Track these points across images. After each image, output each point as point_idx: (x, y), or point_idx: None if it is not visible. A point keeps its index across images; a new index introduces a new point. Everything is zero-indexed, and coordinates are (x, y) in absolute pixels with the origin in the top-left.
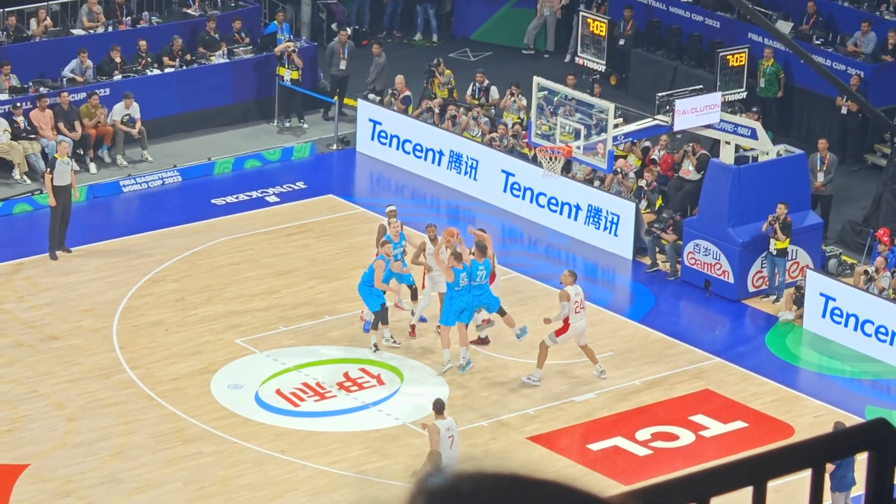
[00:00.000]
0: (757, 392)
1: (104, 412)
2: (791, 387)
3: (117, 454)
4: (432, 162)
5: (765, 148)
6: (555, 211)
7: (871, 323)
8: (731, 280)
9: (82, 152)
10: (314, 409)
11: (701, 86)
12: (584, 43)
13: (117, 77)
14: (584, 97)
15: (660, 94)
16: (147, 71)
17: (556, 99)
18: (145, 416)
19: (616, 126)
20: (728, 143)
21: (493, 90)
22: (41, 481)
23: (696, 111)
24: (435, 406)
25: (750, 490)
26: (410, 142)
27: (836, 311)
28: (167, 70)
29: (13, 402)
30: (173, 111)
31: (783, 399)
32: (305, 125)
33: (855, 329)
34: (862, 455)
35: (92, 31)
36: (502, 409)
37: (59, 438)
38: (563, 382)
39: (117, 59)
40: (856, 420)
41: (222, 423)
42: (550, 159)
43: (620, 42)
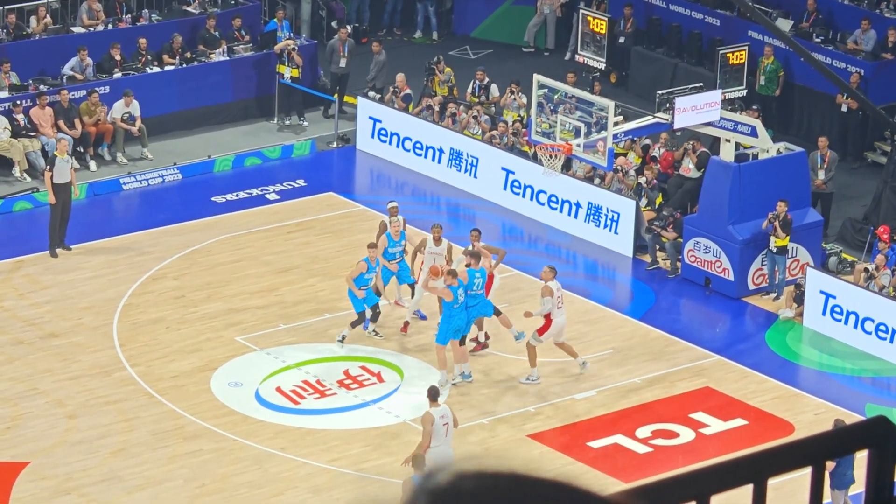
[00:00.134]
0: (757, 390)
1: (104, 410)
2: (791, 384)
3: (118, 452)
4: (432, 160)
5: (765, 146)
6: (555, 209)
7: (872, 320)
8: (731, 278)
9: (82, 150)
10: (314, 407)
11: (701, 83)
12: (584, 41)
13: (117, 75)
14: (585, 95)
15: (660, 92)
16: (147, 69)
17: (556, 97)
18: (145, 413)
19: (616, 124)
20: (728, 140)
21: (494, 88)
22: (41, 479)
23: (697, 109)
24: (429, 393)
25: (750, 488)
26: (411, 139)
27: (837, 309)
28: (167, 68)
29: (13, 399)
30: (173, 109)
31: (783, 397)
32: (305, 123)
33: (855, 327)
34: (862, 453)
35: (92, 29)
36: (502, 406)
37: (59, 436)
38: (563, 380)
39: (117, 57)
40: (856, 418)
41: (222, 421)
42: (551, 157)
43: (620, 40)
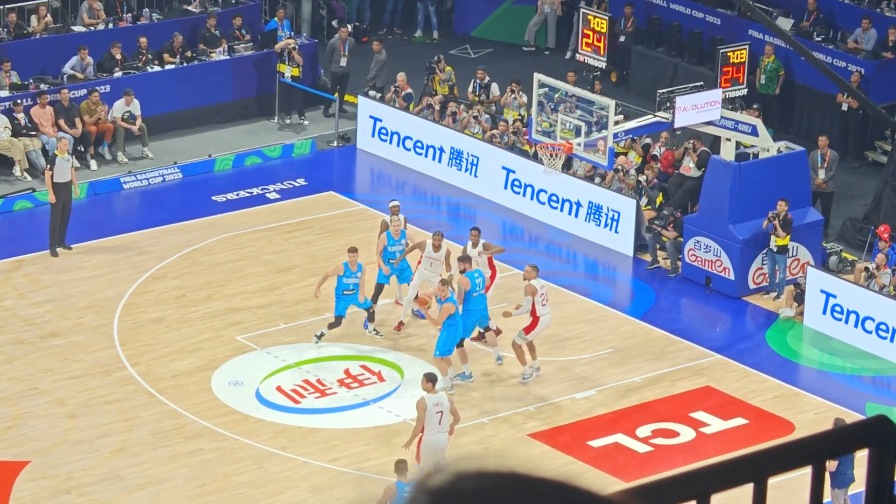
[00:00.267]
0: (757, 389)
1: (105, 409)
2: (792, 383)
3: (118, 451)
4: (433, 159)
5: (765, 145)
6: (555, 208)
7: (872, 320)
8: (731, 277)
9: (83, 149)
10: (315, 406)
11: (701, 82)
12: (584, 39)
13: (118, 74)
14: (585, 94)
15: (660, 91)
16: (147, 68)
17: (556, 96)
18: (146, 412)
19: (617, 123)
20: (729, 139)
21: (494, 87)
22: (42, 478)
23: (697, 108)
24: (427, 377)
25: (751, 487)
26: (411, 138)
27: (837, 308)
28: (168, 67)
29: (14, 399)
30: (174, 108)
31: (784, 396)
32: (306, 122)
33: (855, 326)
34: (862, 452)
35: (92, 28)
36: (503, 405)
37: (59, 435)
38: (564, 379)
39: (118, 56)
40: (856, 417)
41: (223, 420)
42: (551, 156)
43: (621, 39)
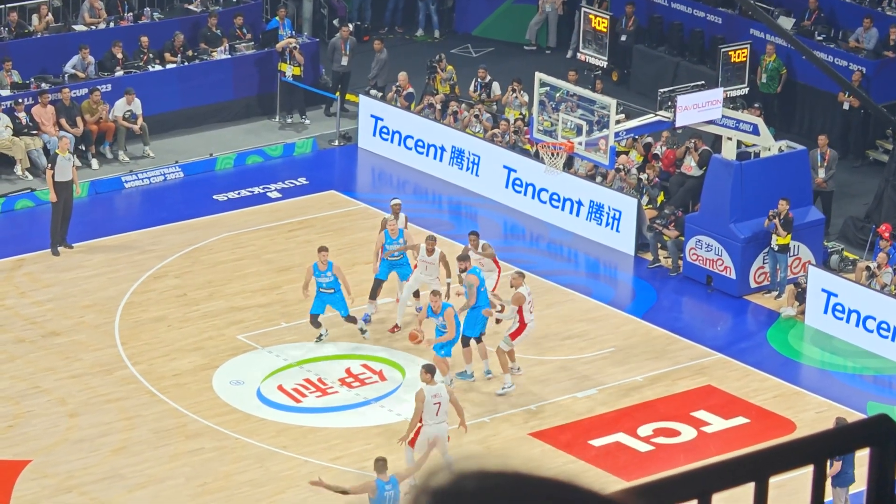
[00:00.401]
0: (759, 388)
1: (106, 408)
2: (793, 383)
3: (119, 450)
4: (434, 158)
5: (767, 144)
6: (557, 207)
7: (873, 319)
8: (732, 276)
9: (84, 148)
10: (316, 405)
11: (703, 82)
12: (585, 39)
13: (119, 73)
14: (586, 93)
15: (662, 90)
16: (149, 67)
17: (557, 95)
18: (147, 411)
19: (618, 122)
20: (730, 138)
21: (495, 86)
22: (43, 477)
23: (698, 107)
24: (426, 369)
25: (752, 486)
26: (412, 138)
27: (838, 307)
28: (169, 66)
29: (15, 398)
30: (175, 107)
31: (785, 395)
32: (307, 121)
33: (857, 325)
34: (863, 451)
35: (93, 27)
36: (504, 404)
37: (60, 434)
38: (565, 378)
39: (119, 55)
40: (857, 416)
41: (224, 419)
42: (552, 155)
43: (622, 38)
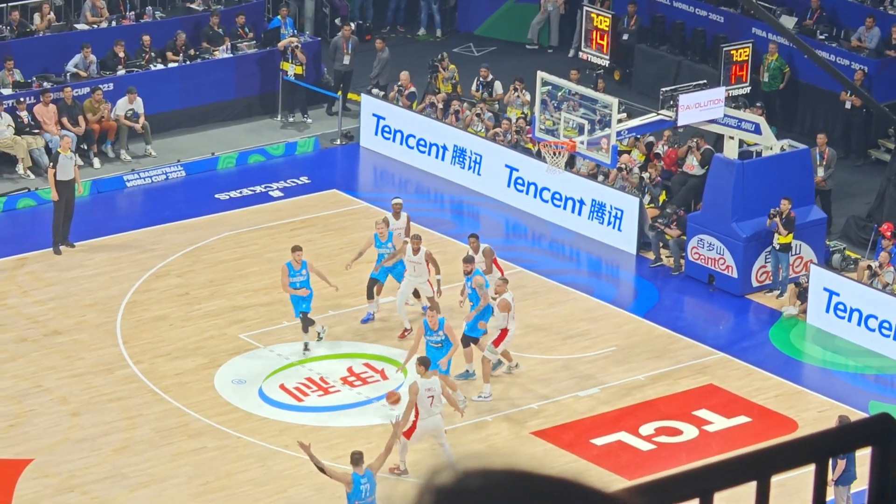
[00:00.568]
0: (760, 387)
1: (108, 407)
2: (795, 382)
3: (121, 449)
4: (436, 157)
5: (768, 143)
6: (559, 206)
7: (875, 318)
8: (734, 275)
9: (86, 147)
10: (318, 404)
11: (705, 81)
12: (587, 38)
13: (121, 72)
14: (588, 92)
15: (664, 89)
16: (150, 66)
17: (559, 94)
18: (149, 410)
19: (620, 121)
20: (732, 137)
21: (497, 85)
22: (45, 476)
23: (700, 106)
24: (421, 361)
25: (754, 485)
26: (414, 137)
27: (840, 306)
28: (171, 65)
29: (17, 397)
30: (177, 106)
31: (787, 394)
32: (309, 120)
33: (858, 324)
34: (864, 450)
35: (95, 26)
36: (505, 403)
37: (62, 433)
38: (567, 377)
39: (121, 54)
40: (859, 415)
41: (226, 418)
42: (554, 154)
43: (624, 37)
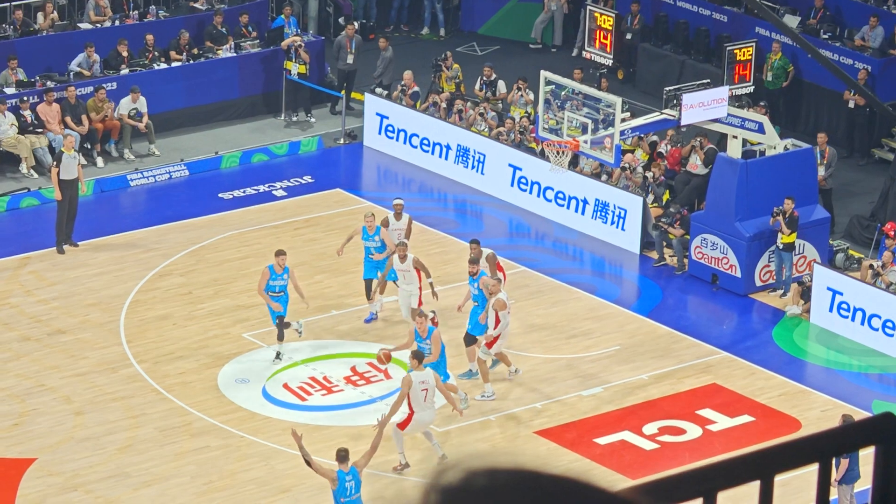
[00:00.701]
0: (764, 386)
1: (111, 406)
2: (798, 381)
3: (125, 448)
4: (439, 156)
5: (772, 142)
6: (562, 205)
7: (879, 317)
8: (738, 274)
9: (89, 146)
10: (321, 404)
11: (708, 80)
12: (591, 37)
13: (124, 71)
14: (592, 91)
15: (667, 89)
16: (154, 65)
17: (563, 93)
18: (152, 410)
19: (623, 120)
20: (735, 137)
21: (501, 84)
22: (48, 475)
23: (704, 105)
24: (414, 354)
25: (757, 484)
26: (417, 136)
27: (844, 306)
28: (174, 64)
29: (20, 396)
30: (180, 105)
31: (790, 393)
32: (312, 119)
33: (862, 323)
34: (867, 449)
35: (99, 25)
36: (509, 403)
37: (66, 432)
38: (570, 376)
39: (124, 53)
40: (863, 414)
41: (229, 418)
42: (558, 153)
43: (628, 36)
